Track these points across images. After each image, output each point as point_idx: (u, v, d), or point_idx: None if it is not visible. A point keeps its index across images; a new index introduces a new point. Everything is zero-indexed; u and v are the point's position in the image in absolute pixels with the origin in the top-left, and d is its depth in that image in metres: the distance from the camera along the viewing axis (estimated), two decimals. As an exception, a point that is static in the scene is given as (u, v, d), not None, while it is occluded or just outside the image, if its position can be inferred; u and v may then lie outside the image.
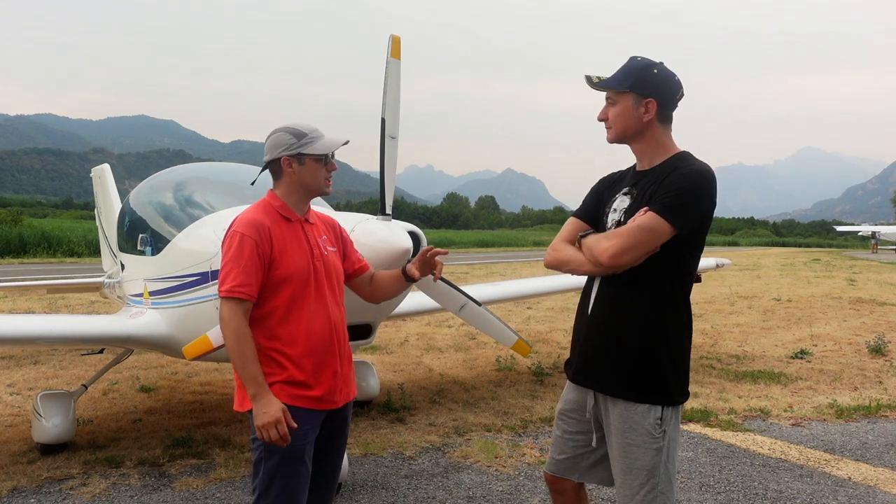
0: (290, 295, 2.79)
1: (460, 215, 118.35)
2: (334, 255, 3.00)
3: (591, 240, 2.70)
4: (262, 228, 2.76)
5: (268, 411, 2.64)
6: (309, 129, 2.87)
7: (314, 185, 2.88)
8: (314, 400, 2.80)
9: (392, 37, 3.93)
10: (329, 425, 2.93)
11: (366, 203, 74.10)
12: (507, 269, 26.27)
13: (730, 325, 12.62)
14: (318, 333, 2.81)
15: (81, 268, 22.67)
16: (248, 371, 2.68)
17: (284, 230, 2.84)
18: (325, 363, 2.83)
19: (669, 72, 2.68)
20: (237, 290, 2.69)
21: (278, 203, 2.88)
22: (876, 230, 64.81)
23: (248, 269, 2.71)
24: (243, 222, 2.79)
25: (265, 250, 2.75)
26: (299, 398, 2.77)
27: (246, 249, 2.72)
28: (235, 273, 2.71)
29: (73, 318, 6.84)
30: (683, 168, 2.61)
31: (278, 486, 2.73)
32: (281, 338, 2.77)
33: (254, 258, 2.72)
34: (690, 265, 2.70)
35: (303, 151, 2.83)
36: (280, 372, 2.77)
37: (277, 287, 2.78)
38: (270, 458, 2.74)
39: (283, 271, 2.77)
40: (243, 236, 2.74)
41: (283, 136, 2.85)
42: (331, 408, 2.87)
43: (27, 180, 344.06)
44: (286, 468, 2.74)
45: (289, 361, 2.77)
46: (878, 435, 5.98)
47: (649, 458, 2.62)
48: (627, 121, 2.68)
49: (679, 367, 2.70)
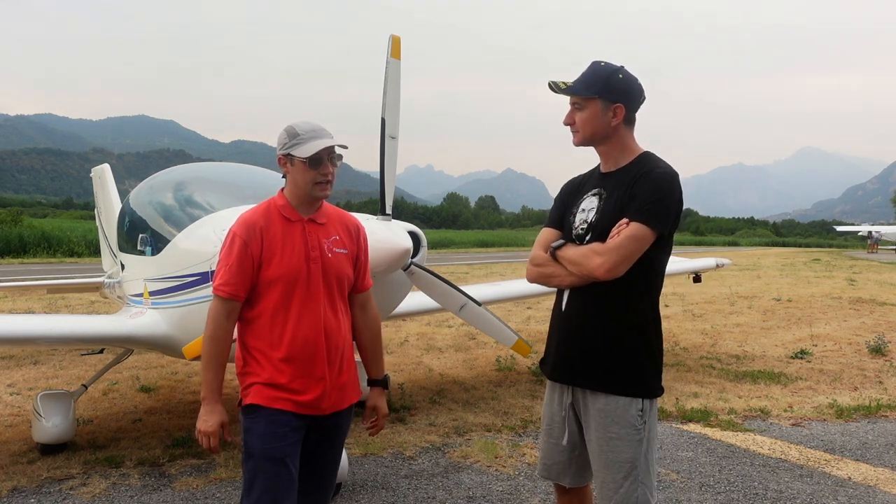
0: (278, 296, 2.76)
1: (460, 215, 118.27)
2: (342, 258, 2.88)
3: (575, 255, 2.73)
4: (254, 228, 2.76)
5: (208, 420, 2.74)
6: (306, 129, 2.79)
7: (303, 188, 2.80)
8: (295, 404, 2.76)
9: (392, 37, 3.93)
10: (317, 431, 2.87)
11: (366, 203, 74.08)
12: (507, 269, 26.25)
13: (730, 325, 12.62)
14: (302, 337, 2.75)
15: (81, 268, 22.66)
16: (207, 374, 2.75)
17: (282, 230, 2.80)
18: (310, 369, 2.77)
19: (632, 76, 2.77)
20: (221, 288, 2.73)
21: (282, 202, 2.86)
22: (871, 230, 64.69)
23: (234, 269, 2.73)
24: (239, 221, 2.81)
25: (254, 250, 2.74)
26: (277, 400, 2.75)
27: (235, 249, 2.74)
28: (223, 272, 2.74)
29: (73, 318, 6.84)
30: (652, 172, 2.69)
31: (259, 487, 2.72)
32: (264, 339, 2.77)
33: (241, 257, 2.73)
34: (662, 261, 2.79)
35: (291, 153, 2.79)
36: (260, 372, 2.77)
37: (267, 288, 2.77)
38: (249, 459, 2.75)
39: (273, 272, 2.75)
40: (235, 235, 2.77)
41: (281, 134, 2.85)
42: (315, 414, 2.81)
43: (27, 180, 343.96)
44: (265, 469, 2.72)
45: (269, 363, 2.76)
46: (878, 435, 5.98)
47: (632, 450, 2.66)
48: (596, 126, 2.76)
49: (656, 360, 2.77)
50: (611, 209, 2.71)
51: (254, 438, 2.74)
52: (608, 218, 2.70)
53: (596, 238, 2.72)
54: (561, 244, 2.81)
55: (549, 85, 2.82)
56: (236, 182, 6.11)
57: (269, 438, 2.72)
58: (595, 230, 2.74)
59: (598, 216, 2.75)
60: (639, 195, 2.65)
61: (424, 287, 4.24)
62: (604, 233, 2.70)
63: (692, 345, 10.50)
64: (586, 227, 2.78)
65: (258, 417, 2.75)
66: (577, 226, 2.82)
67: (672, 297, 16.83)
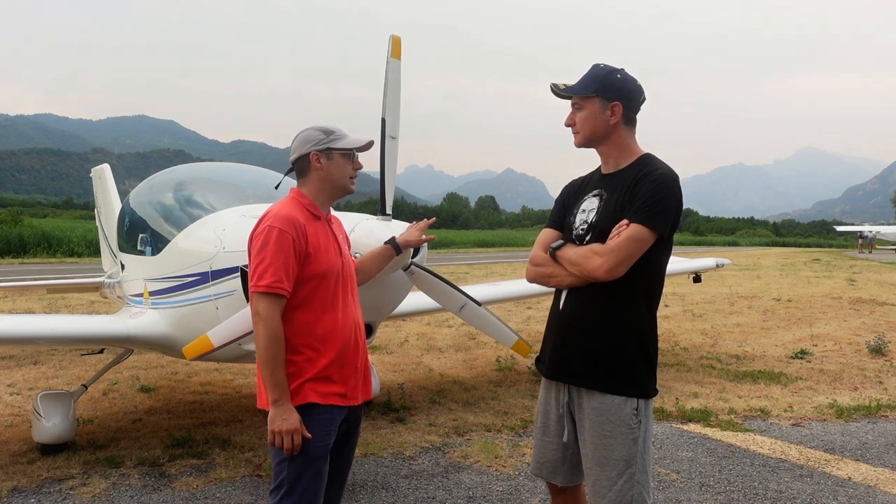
0: (324, 292, 2.82)
1: (460, 215, 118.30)
2: (349, 254, 3.09)
3: (575, 255, 2.74)
4: (298, 224, 2.78)
5: (287, 419, 2.68)
6: (337, 128, 2.96)
7: (340, 181, 2.93)
8: (342, 397, 2.85)
9: (392, 37, 3.93)
10: (345, 423, 2.96)
11: (366, 203, 74.08)
12: (507, 269, 26.26)
13: (730, 325, 12.62)
14: (346, 330, 2.87)
15: (81, 268, 22.67)
16: (277, 376, 2.70)
17: (316, 227, 2.87)
18: (350, 360, 2.88)
19: (631, 77, 2.80)
20: (276, 286, 2.69)
21: (307, 200, 2.91)
22: (862, 230, 64.58)
23: (287, 265, 2.71)
24: (279, 217, 2.77)
25: (301, 246, 2.76)
26: (330, 395, 2.81)
27: (284, 245, 2.72)
28: (274, 269, 2.69)
29: (73, 318, 6.84)
30: (653, 173, 2.70)
31: (303, 485, 2.75)
32: (314, 334, 2.79)
33: (290, 254, 2.73)
34: (662, 263, 2.80)
35: (332, 146, 2.89)
36: (309, 369, 2.78)
37: (309, 283, 2.79)
38: (297, 458, 2.74)
39: (317, 268, 2.79)
40: (281, 231, 2.73)
41: (312, 133, 2.91)
42: (353, 404, 2.92)
43: (27, 180, 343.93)
44: (312, 468, 2.76)
45: (320, 358, 2.79)
46: (878, 435, 5.98)
47: (627, 448, 2.68)
48: (594, 125, 2.78)
49: (651, 361, 2.78)
50: (611, 210, 2.73)
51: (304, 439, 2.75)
52: (608, 219, 2.72)
53: (596, 238, 2.73)
54: (560, 244, 2.83)
55: (551, 88, 2.86)
56: (236, 182, 6.11)
57: (320, 437, 2.76)
58: (595, 231, 2.75)
59: (598, 217, 2.77)
60: (639, 196, 2.66)
61: (424, 287, 4.24)
62: (603, 233, 2.71)
63: (692, 345, 10.50)
64: (586, 227, 2.79)
65: (310, 417, 2.77)
66: (578, 226, 2.83)
67: (672, 297, 16.83)
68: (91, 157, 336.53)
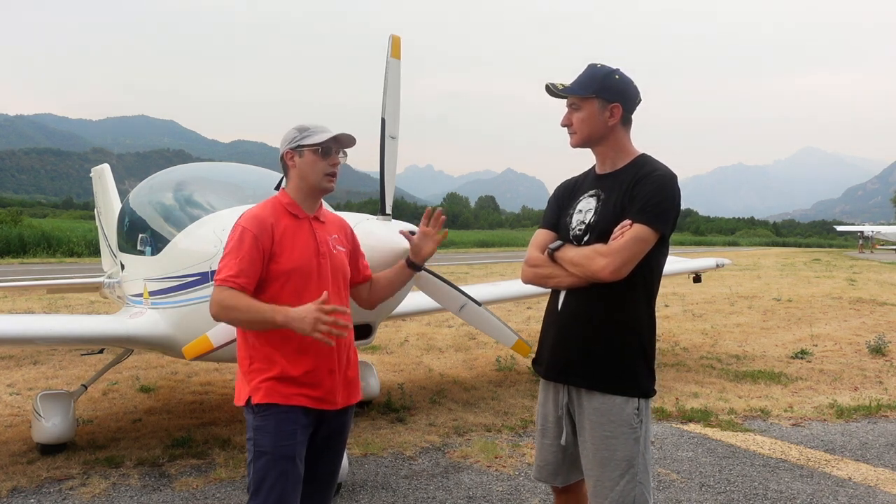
0: (290, 290, 2.79)
1: (460, 215, 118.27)
2: (343, 256, 3.01)
3: (577, 256, 2.73)
4: (263, 223, 2.80)
5: (304, 317, 2.57)
6: (314, 124, 2.91)
7: (312, 179, 2.88)
8: (308, 398, 2.78)
9: (392, 37, 3.93)
10: (326, 428, 2.90)
11: (366, 203, 74.05)
12: (507, 269, 26.26)
13: (730, 325, 12.62)
14: None
15: (81, 268, 22.67)
16: (261, 310, 2.65)
17: (290, 226, 2.86)
18: (323, 361, 2.81)
19: (628, 77, 2.79)
20: (230, 279, 2.71)
21: (287, 200, 2.91)
22: (862, 230, 64.60)
23: (244, 261, 2.73)
24: (246, 216, 2.84)
25: (265, 244, 2.77)
26: (291, 396, 2.76)
27: (245, 242, 2.75)
28: (232, 264, 2.73)
29: (73, 318, 6.84)
30: (652, 174, 2.70)
31: (268, 486, 2.72)
32: (279, 333, 2.75)
33: (251, 251, 2.74)
34: (660, 263, 2.80)
35: (302, 143, 2.87)
36: (271, 367, 2.77)
37: (276, 281, 2.79)
38: (260, 458, 2.73)
39: (284, 265, 2.79)
40: (244, 229, 2.78)
41: (289, 132, 2.92)
42: (329, 408, 2.84)
43: (27, 180, 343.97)
44: (276, 468, 2.72)
45: (281, 357, 2.77)
46: (878, 435, 5.98)
47: (628, 448, 2.67)
48: (593, 125, 2.77)
49: (650, 362, 2.78)
50: (610, 210, 2.72)
51: (265, 437, 2.74)
52: (608, 219, 2.71)
53: (595, 239, 2.72)
54: (559, 245, 2.81)
55: (546, 87, 2.84)
56: (236, 182, 6.11)
57: (281, 436, 2.73)
58: (594, 231, 2.74)
59: (596, 217, 2.75)
60: (640, 197, 2.65)
61: (424, 287, 4.24)
62: (603, 234, 2.70)
63: (692, 345, 10.49)
64: (584, 227, 2.78)
65: (269, 415, 2.75)
66: (574, 227, 2.81)
67: (672, 297, 16.84)
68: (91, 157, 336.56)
